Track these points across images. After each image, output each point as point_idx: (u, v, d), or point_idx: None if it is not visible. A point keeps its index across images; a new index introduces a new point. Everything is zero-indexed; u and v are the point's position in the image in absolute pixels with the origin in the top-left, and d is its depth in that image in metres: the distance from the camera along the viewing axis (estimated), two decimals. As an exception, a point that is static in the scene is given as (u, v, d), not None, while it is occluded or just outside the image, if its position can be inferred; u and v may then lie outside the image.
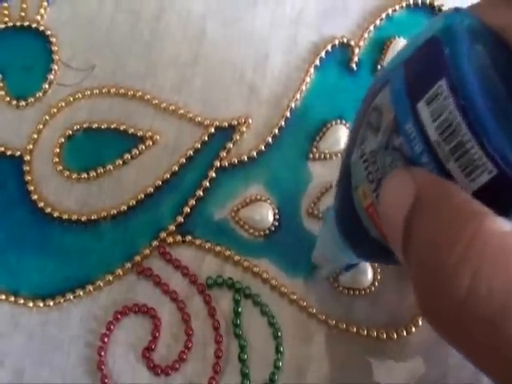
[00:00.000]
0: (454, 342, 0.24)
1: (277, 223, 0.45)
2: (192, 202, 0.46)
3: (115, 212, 0.46)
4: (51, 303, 0.44)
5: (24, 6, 0.51)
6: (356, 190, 0.29)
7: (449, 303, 0.22)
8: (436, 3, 0.50)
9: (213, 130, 0.47)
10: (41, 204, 0.46)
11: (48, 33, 0.50)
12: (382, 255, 0.30)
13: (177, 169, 0.46)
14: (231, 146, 0.47)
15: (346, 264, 0.40)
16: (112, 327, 0.43)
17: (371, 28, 0.50)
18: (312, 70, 0.49)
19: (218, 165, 0.46)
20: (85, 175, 0.46)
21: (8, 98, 0.48)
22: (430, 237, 0.22)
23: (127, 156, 0.47)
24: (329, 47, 0.49)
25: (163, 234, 0.45)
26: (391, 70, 0.26)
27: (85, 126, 0.48)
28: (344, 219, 0.33)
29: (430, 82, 0.23)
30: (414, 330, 0.42)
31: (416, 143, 0.23)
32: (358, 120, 0.29)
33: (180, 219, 0.45)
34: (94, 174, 0.46)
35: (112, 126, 0.47)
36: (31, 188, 0.46)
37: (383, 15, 0.50)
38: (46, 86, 0.49)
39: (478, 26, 0.24)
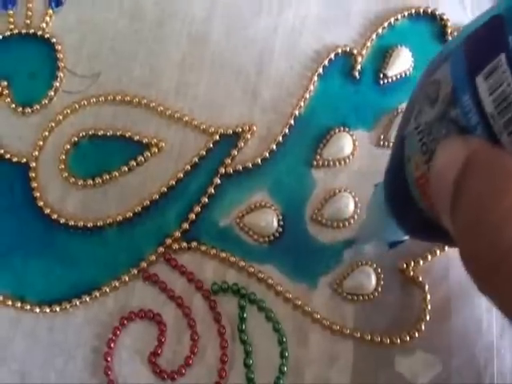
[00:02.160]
0: (492, 292, 0.25)
1: (281, 229, 0.46)
2: (197, 208, 0.46)
3: (121, 218, 0.46)
4: (57, 309, 0.44)
5: (29, 13, 0.51)
6: (409, 161, 0.30)
7: (492, 255, 0.23)
8: (437, 12, 0.51)
9: (217, 137, 0.48)
10: (47, 210, 0.46)
11: (53, 40, 0.50)
12: (426, 230, 0.32)
13: (182, 176, 0.47)
14: (236, 152, 0.47)
15: (390, 241, 0.41)
16: (118, 332, 0.44)
17: (373, 37, 0.50)
18: (315, 78, 0.49)
19: (223, 171, 0.47)
20: (90, 182, 0.47)
21: (14, 105, 0.49)
22: (479, 194, 0.23)
23: (133, 163, 0.47)
24: (332, 55, 0.50)
25: (169, 241, 0.45)
26: (453, 45, 0.27)
27: (90, 132, 0.48)
28: (393, 192, 0.34)
29: (490, 56, 0.24)
30: (417, 335, 0.43)
31: (472, 115, 0.24)
32: (415, 93, 0.30)
33: (185, 225, 0.46)
34: (100, 180, 0.47)
35: (117, 133, 0.48)
36: (37, 194, 0.47)
37: (385, 24, 0.50)
38: (52, 93, 0.49)
39: None
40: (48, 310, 0.44)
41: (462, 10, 0.51)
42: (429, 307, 0.43)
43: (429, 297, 0.43)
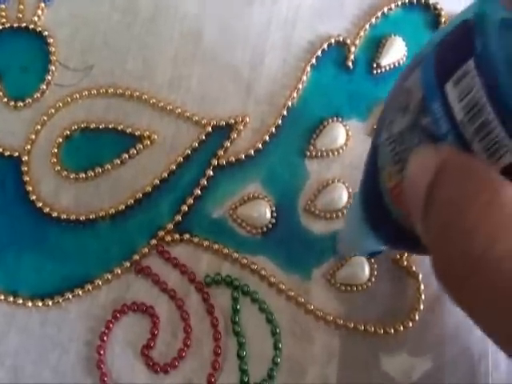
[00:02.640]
0: (463, 302, 0.25)
1: (274, 221, 0.45)
2: (190, 200, 0.46)
3: (113, 211, 0.46)
4: (50, 303, 0.44)
5: (21, 7, 0.51)
6: (382, 170, 0.30)
7: (464, 262, 0.23)
8: (431, 1, 0.50)
9: (210, 128, 0.47)
10: (39, 204, 0.46)
11: (45, 33, 0.50)
12: (402, 240, 0.32)
13: (174, 168, 0.47)
14: (228, 144, 0.47)
15: (369, 251, 0.41)
16: (111, 326, 0.43)
17: (367, 26, 0.50)
18: (308, 68, 0.49)
19: (216, 163, 0.47)
20: (83, 175, 0.47)
21: (6, 99, 0.49)
22: (450, 201, 0.23)
23: (125, 155, 0.47)
24: (325, 46, 0.49)
25: (161, 233, 0.45)
26: (425, 51, 0.27)
27: (82, 125, 0.48)
28: (368, 201, 0.34)
29: (459, 62, 0.23)
30: (410, 324, 0.43)
31: (442, 123, 0.24)
32: (387, 102, 0.30)
33: (178, 218, 0.46)
34: (92, 173, 0.47)
35: (110, 126, 0.48)
36: (29, 188, 0.47)
37: (379, 14, 0.50)
38: (44, 87, 0.49)
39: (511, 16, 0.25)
40: (40, 304, 0.44)
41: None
42: (422, 297, 0.43)
43: (422, 287, 0.43)
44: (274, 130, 0.47)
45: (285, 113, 0.48)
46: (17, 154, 0.47)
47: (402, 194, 0.27)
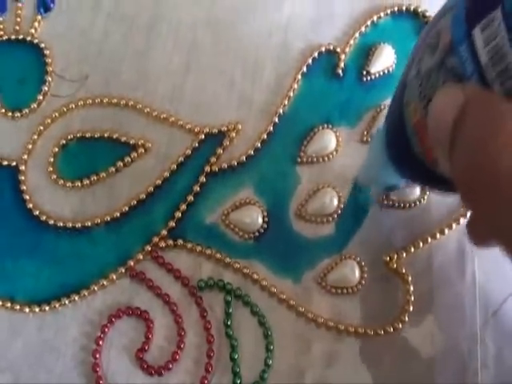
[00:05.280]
0: (494, 227, 0.27)
1: (266, 225, 0.46)
2: (183, 206, 0.47)
3: (109, 218, 0.47)
4: (47, 308, 0.45)
5: (18, 19, 0.52)
6: (408, 106, 0.31)
7: (491, 183, 0.25)
8: (420, 9, 0.51)
9: (203, 136, 0.48)
10: (36, 212, 0.47)
11: (42, 45, 0.51)
12: (423, 175, 0.34)
13: (168, 175, 0.47)
14: (221, 151, 0.48)
15: (388, 185, 0.43)
16: (106, 330, 0.44)
17: (357, 35, 0.51)
18: (299, 76, 0.50)
19: (209, 170, 0.47)
20: (79, 183, 0.48)
21: (3, 110, 0.50)
22: (477, 130, 0.25)
23: (120, 164, 0.48)
24: (315, 54, 0.50)
25: (155, 239, 0.46)
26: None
27: (78, 135, 0.49)
28: (392, 137, 0.36)
29: (488, 9, 0.25)
30: (400, 326, 0.43)
31: (468, 65, 0.26)
32: (418, 41, 0.32)
33: (172, 224, 0.46)
34: (88, 182, 0.48)
35: (105, 135, 0.49)
36: (26, 197, 0.47)
37: (368, 22, 0.51)
38: (41, 98, 0.50)
39: None
40: (37, 310, 0.45)
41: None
42: (412, 298, 0.44)
43: (412, 288, 0.44)
44: (265, 136, 0.48)
45: (276, 120, 0.48)
46: (14, 163, 0.48)
47: (425, 129, 0.29)
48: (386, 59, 0.50)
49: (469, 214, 0.45)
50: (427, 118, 0.29)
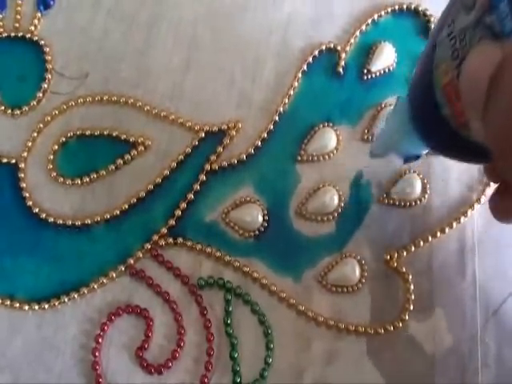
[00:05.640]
0: None
1: (266, 224, 0.46)
2: (183, 205, 0.46)
3: (108, 216, 0.47)
4: (46, 306, 0.45)
5: (18, 16, 0.52)
6: (437, 67, 0.31)
7: None
8: (420, 8, 0.51)
9: (203, 134, 0.48)
10: (36, 210, 0.47)
11: (42, 43, 0.51)
12: (447, 140, 0.33)
13: (168, 173, 0.47)
14: (221, 149, 0.48)
15: (406, 155, 0.42)
16: (106, 328, 0.44)
17: (357, 33, 0.51)
18: (300, 74, 0.50)
19: (209, 168, 0.47)
20: (78, 181, 0.47)
21: (3, 107, 0.49)
22: None
23: (120, 161, 0.48)
24: (316, 52, 0.50)
25: (155, 237, 0.46)
26: None
27: (78, 132, 0.49)
28: (418, 103, 0.35)
29: None
30: (400, 324, 0.43)
31: (507, 22, 0.25)
32: (450, 4, 0.31)
33: (172, 222, 0.46)
34: (88, 179, 0.47)
35: (105, 133, 0.49)
36: (26, 194, 0.47)
37: (369, 20, 0.51)
38: (40, 95, 0.50)
39: None
40: (37, 308, 0.45)
41: (445, 5, 0.51)
42: (412, 297, 0.44)
43: (412, 287, 0.44)
44: (265, 135, 0.48)
45: (276, 118, 0.48)
46: (14, 160, 0.48)
47: (456, 89, 0.28)
48: (386, 58, 0.50)
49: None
50: (460, 78, 0.28)
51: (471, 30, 0.28)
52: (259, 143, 0.48)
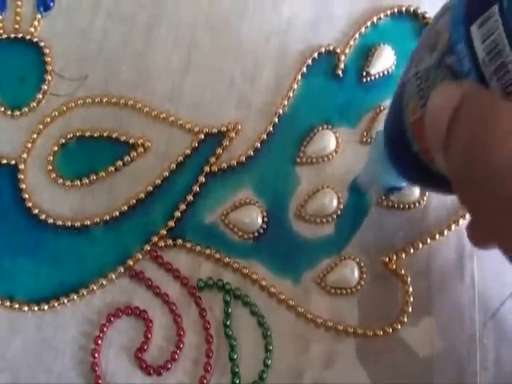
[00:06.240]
0: (483, 217, 0.27)
1: (265, 226, 0.46)
2: (183, 206, 0.47)
3: (108, 217, 0.47)
4: (46, 307, 0.45)
5: (18, 18, 0.52)
6: (407, 106, 0.32)
7: (485, 173, 0.25)
8: (419, 11, 0.51)
9: (202, 136, 0.48)
10: (35, 211, 0.47)
11: (41, 44, 0.51)
12: (421, 175, 0.34)
13: (168, 175, 0.47)
14: (221, 151, 0.48)
15: (388, 187, 0.44)
16: (105, 329, 0.44)
17: (356, 35, 0.51)
18: (299, 77, 0.50)
19: (208, 170, 0.47)
20: (78, 182, 0.48)
21: (2, 108, 0.50)
22: (472, 127, 0.25)
23: (119, 163, 0.48)
24: (315, 55, 0.50)
25: (155, 238, 0.46)
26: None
27: (78, 134, 0.49)
28: (391, 136, 0.36)
29: (485, 7, 0.25)
30: (399, 326, 0.43)
31: (465, 62, 0.26)
32: (419, 42, 0.32)
33: (171, 223, 0.46)
34: (87, 181, 0.48)
35: (104, 134, 0.49)
36: (26, 195, 0.47)
37: (368, 23, 0.51)
38: (40, 96, 0.50)
39: None
40: (36, 309, 0.45)
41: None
42: (411, 299, 0.44)
43: (411, 289, 0.44)
44: (265, 137, 0.48)
45: (276, 120, 0.48)
46: (13, 161, 0.48)
47: (423, 127, 0.29)
48: (385, 60, 0.50)
49: (468, 216, 0.45)
50: (425, 116, 0.29)
51: (434, 70, 0.29)
52: (259, 145, 0.48)
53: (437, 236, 0.45)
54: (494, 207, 0.25)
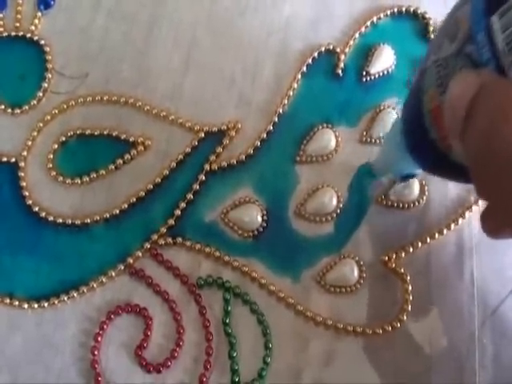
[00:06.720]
0: (499, 204, 0.28)
1: (265, 224, 0.46)
2: (183, 204, 0.47)
3: (108, 215, 0.47)
4: (46, 304, 0.45)
5: (18, 16, 0.52)
6: (426, 93, 0.32)
7: (502, 160, 0.26)
8: (419, 11, 0.51)
9: (203, 134, 0.48)
10: (35, 208, 0.47)
11: (42, 42, 0.51)
12: (438, 162, 0.34)
13: (168, 173, 0.48)
14: (221, 150, 0.48)
15: (403, 174, 0.43)
16: (105, 327, 0.44)
17: (356, 35, 0.51)
18: (299, 76, 0.50)
19: (208, 168, 0.48)
20: (78, 180, 0.48)
21: (3, 106, 0.50)
22: (489, 113, 0.26)
23: (119, 161, 0.48)
24: (315, 54, 0.50)
25: (155, 236, 0.46)
26: None
27: (78, 132, 0.49)
28: (409, 124, 0.37)
29: None
30: (399, 325, 0.43)
31: (485, 51, 0.26)
32: (439, 29, 0.33)
33: (171, 222, 0.46)
34: (87, 179, 0.48)
35: (105, 132, 0.49)
36: (26, 193, 0.47)
37: (368, 23, 0.51)
38: (41, 94, 0.50)
39: None
40: (36, 306, 0.45)
41: (444, 8, 0.51)
42: (410, 298, 0.44)
43: (410, 288, 0.44)
44: (265, 135, 0.48)
45: (276, 119, 0.49)
46: (14, 159, 0.48)
47: (441, 115, 0.29)
48: (385, 60, 0.50)
49: (468, 215, 0.45)
50: (444, 103, 0.29)
51: (453, 58, 0.29)
52: (258, 144, 0.48)
53: (436, 235, 0.45)
54: (510, 194, 0.26)
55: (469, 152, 0.28)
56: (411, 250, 0.45)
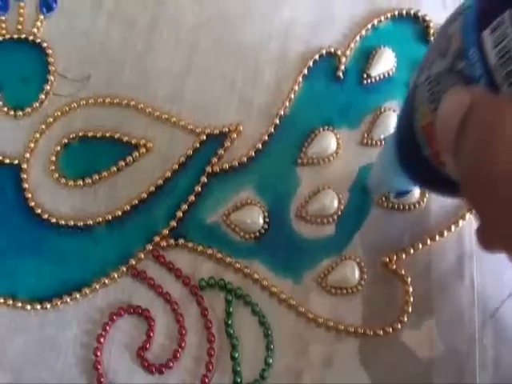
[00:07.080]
0: (491, 221, 0.28)
1: (267, 226, 0.47)
2: (184, 206, 0.47)
3: (110, 217, 0.47)
4: (48, 306, 0.45)
5: (21, 18, 0.52)
6: (417, 110, 0.32)
7: (490, 177, 0.25)
8: (420, 14, 0.51)
9: (204, 137, 0.48)
10: (38, 210, 0.47)
11: (44, 45, 0.51)
12: (428, 177, 0.35)
13: (170, 175, 0.48)
14: (222, 152, 0.48)
15: (398, 191, 0.44)
16: (108, 328, 0.44)
17: (357, 38, 0.51)
18: (300, 78, 0.50)
19: (210, 171, 0.48)
20: (80, 182, 0.48)
21: (6, 109, 0.50)
22: (480, 133, 0.26)
23: (122, 163, 0.48)
24: (316, 57, 0.50)
25: (157, 238, 0.46)
26: (466, 3, 0.29)
27: (80, 134, 0.49)
28: (402, 140, 0.36)
29: (497, 13, 0.26)
30: (399, 326, 0.44)
31: (477, 67, 0.26)
32: (431, 45, 0.33)
33: (173, 223, 0.47)
34: (90, 181, 0.48)
35: (107, 135, 0.49)
36: (28, 195, 0.48)
37: (369, 25, 0.51)
38: (43, 97, 0.50)
39: None
40: (39, 307, 0.45)
41: (444, 11, 0.51)
42: (411, 300, 0.44)
43: (411, 289, 0.44)
44: (266, 138, 0.48)
45: (277, 121, 0.49)
46: (16, 161, 0.49)
47: (434, 131, 0.29)
48: (386, 63, 0.50)
49: (468, 217, 0.46)
50: (436, 120, 0.29)
51: (445, 74, 0.29)
52: (260, 146, 0.48)
53: (437, 237, 0.45)
54: (500, 211, 0.26)
55: (460, 169, 0.28)
56: (412, 251, 0.45)
